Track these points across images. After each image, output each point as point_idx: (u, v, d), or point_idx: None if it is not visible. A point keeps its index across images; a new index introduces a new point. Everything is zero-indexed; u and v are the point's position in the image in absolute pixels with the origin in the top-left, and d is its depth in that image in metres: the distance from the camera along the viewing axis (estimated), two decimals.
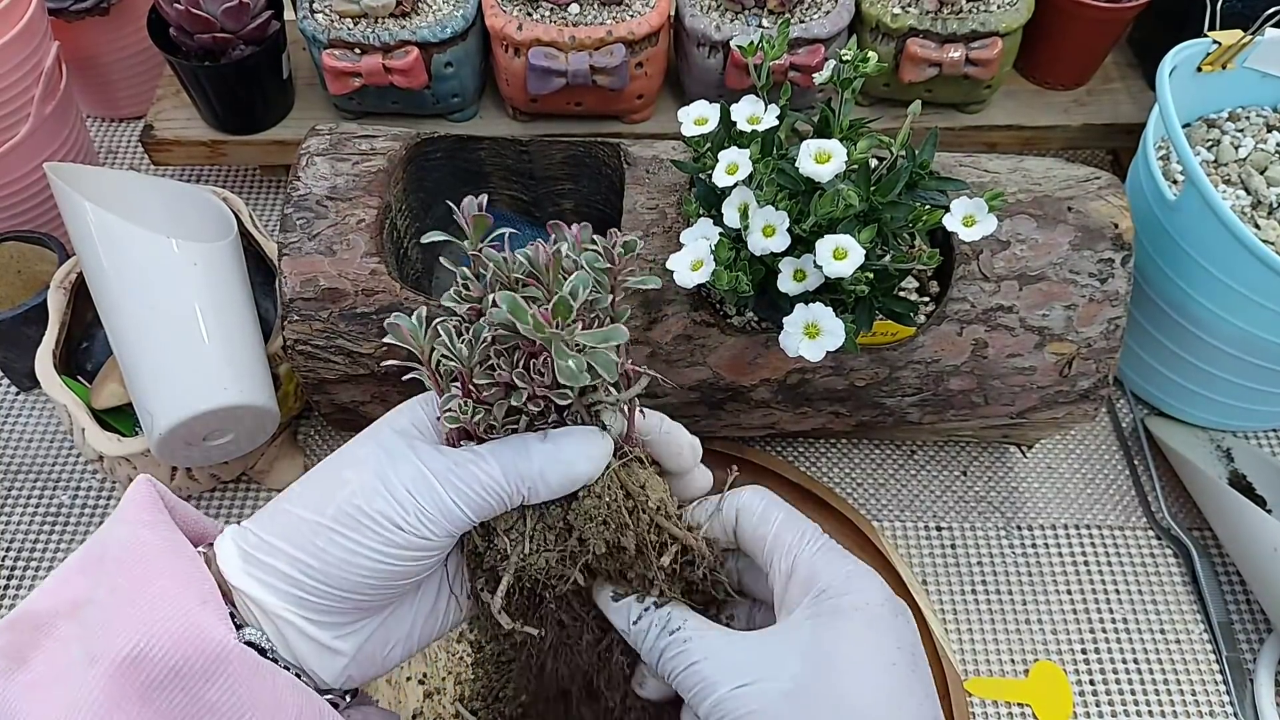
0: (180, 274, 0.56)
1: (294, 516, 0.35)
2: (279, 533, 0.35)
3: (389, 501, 0.35)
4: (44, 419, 0.69)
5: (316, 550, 0.34)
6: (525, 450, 0.36)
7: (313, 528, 0.35)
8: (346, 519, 0.34)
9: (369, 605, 0.36)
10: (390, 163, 0.57)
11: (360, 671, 0.38)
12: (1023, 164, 0.58)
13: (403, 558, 0.35)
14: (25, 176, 0.69)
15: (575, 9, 0.69)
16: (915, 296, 0.58)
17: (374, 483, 0.35)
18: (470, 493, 0.35)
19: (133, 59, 0.81)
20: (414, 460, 0.36)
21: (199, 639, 0.32)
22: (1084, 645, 0.60)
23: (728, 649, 0.36)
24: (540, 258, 0.36)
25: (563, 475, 0.36)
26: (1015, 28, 0.69)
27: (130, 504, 0.36)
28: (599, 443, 0.37)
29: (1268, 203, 0.61)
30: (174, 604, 0.32)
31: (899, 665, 0.35)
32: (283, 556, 0.35)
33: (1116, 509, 0.66)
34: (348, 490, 0.35)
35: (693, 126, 0.49)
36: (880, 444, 0.68)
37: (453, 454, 0.36)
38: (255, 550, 0.35)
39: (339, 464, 0.37)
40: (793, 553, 0.38)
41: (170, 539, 0.35)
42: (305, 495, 0.36)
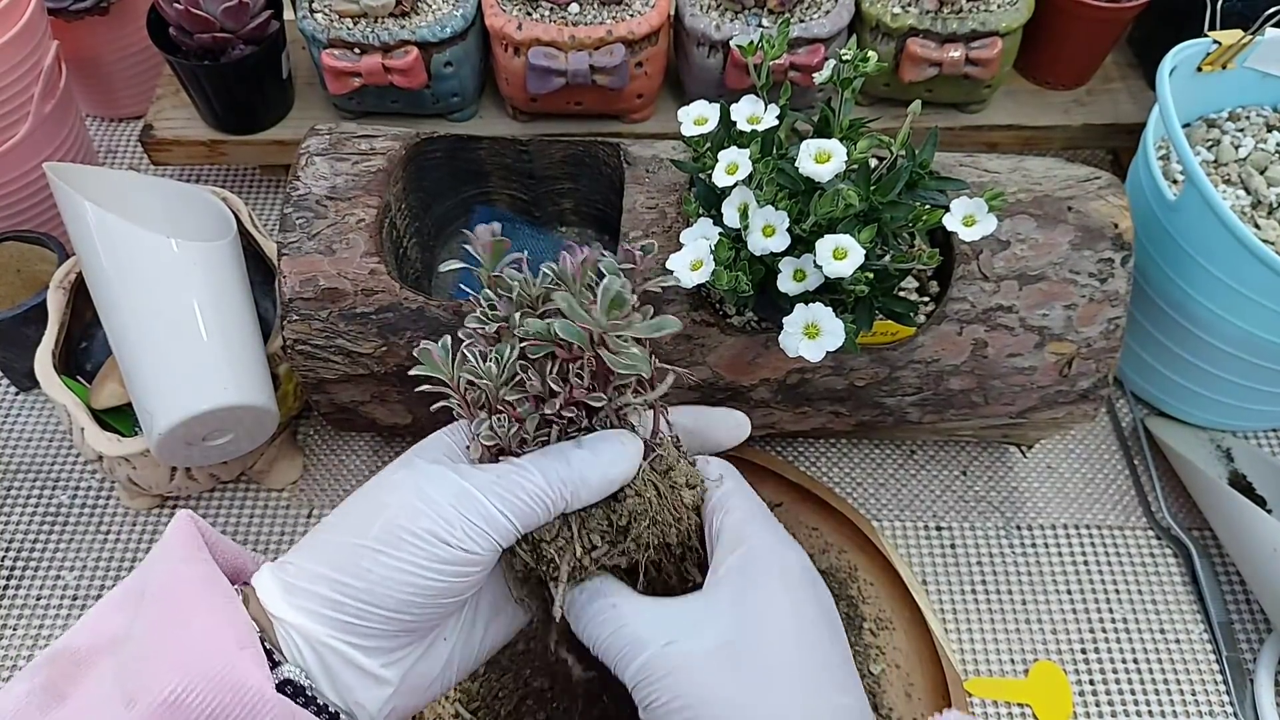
0: (180, 274, 0.56)
1: (335, 543, 0.35)
2: (320, 559, 0.35)
3: (433, 518, 0.35)
4: (43, 419, 0.69)
5: (361, 571, 0.34)
6: (565, 457, 0.37)
7: (355, 550, 0.35)
8: (390, 538, 0.34)
9: (415, 626, 0.36)
10: (390, 162, 0.57)
11: (404, 704, 0.38)
12: (1023, 164, 0.57)
13: (449, 573, 0.35)
14: (25, 176, 0.69)
15: (575, 8, 0.69)
16: (915, 296, 0.58)
17: (415, 502, 0.35)
18: (515, 501, 0.36)
19: (132, 59, 0.81)
20: (454, 478, 0.36)
21: (237, 686, 0.31)
22: (1084, 645, 0.60)
23: (655, 609, 0.37)
24: (568, 268, 0.37)
25: (602, 477, 0.37)
26: (1015, 27, 0.69)
27: (171, 539, 0.36)
28: (632, 443, 0.38)
29: (1268, 202, 0.61)
30: (213, 647, 0.32)
31: (819, 627, 0.37)
32: (325, 582, 0.34)
33: (1116, 509, 0.66)
34: (389, 512, 0.35)
35: (693, 126, 0.49)
36: (880, 444, 0.68)
37: (492, 468, 0.37)
38: (296, 580, 0.35)
39: (375, 492, 0.37)
40: (730, 513, 0.39)
41: (208, 575, 0.35)
42: (344, 523, 0.36)
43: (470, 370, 0.37)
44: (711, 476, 0.41)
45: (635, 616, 0.37)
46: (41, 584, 0.62)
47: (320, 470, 0.67)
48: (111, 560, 0.63)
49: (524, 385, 0.37)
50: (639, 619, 0.37)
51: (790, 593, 0.37)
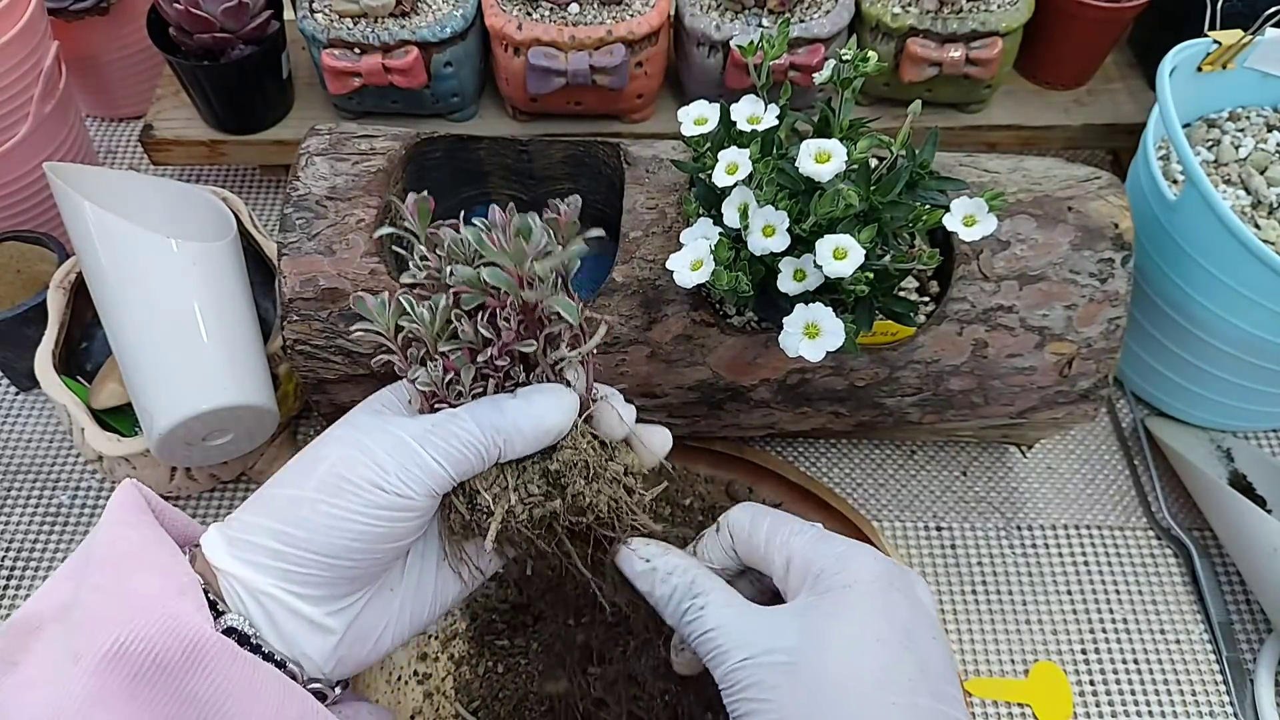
0: (180, 274, 0.56)
1: (276, 495, 0.37)
2: (261, 512, 0.36)
3: (369, 466, 0.36)
4: (43, 419, 0.69)
5: (299, 520, 0.35)
6: (498, 406, 0.38)
7: (294, 500, 0.36)
8: (328, 487, 0.35)
9: (356, 574, 0.37)
10: (390, 162, 0.57)
11: (351, 654, 0.38)
12: (1023, 164, 0.57)
13: (386, 518, 0.36)
14: (25, 176, 0.69)
15: (575, 8, 0.69)
16: (915, 296, 0.58)
17: (353, 452, 0.36)
18: (449, 449, 0.36)
19: (132, 59, 0.81)
20: (391, 429, 0.37)
21: (177, 630, 0.32)
22: (1084, 645, 0.60)
23: (738, 621, 0.37)
24: (496, 218, 0.38)
25: (536, 427, 0.38)
26: (1015, 27, 0.69)
27: (114, 507, 0.37)
28: (567, 395, 0.39)
29: (1268, 203, 0.61)
30: (152, 597, 0.33)
31: (886, 642, 0.36)
32: (267, 533, 0.35)
33: (1116, 509, 0.66)
34: (327, 463, 0.36)
35: (693, 126, 0.49)
36: (880, 444, 0.68)
37: (428, 417, 0.38)
38: (239, 533, 0.36)
39: (316, 447, 0.38)
40: (786, 546, 0.39)
41: (150, 535, 0.36)
42: (285, 477, 0.37)
43: (406, 320, 0.38)
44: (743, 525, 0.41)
45: (720, 625, 0.37)
46: (41, 584, 0.62)
47: None
48: None
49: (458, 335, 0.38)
50: (723, 629, 0.37)
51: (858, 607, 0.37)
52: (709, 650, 0.37)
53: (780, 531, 0.40)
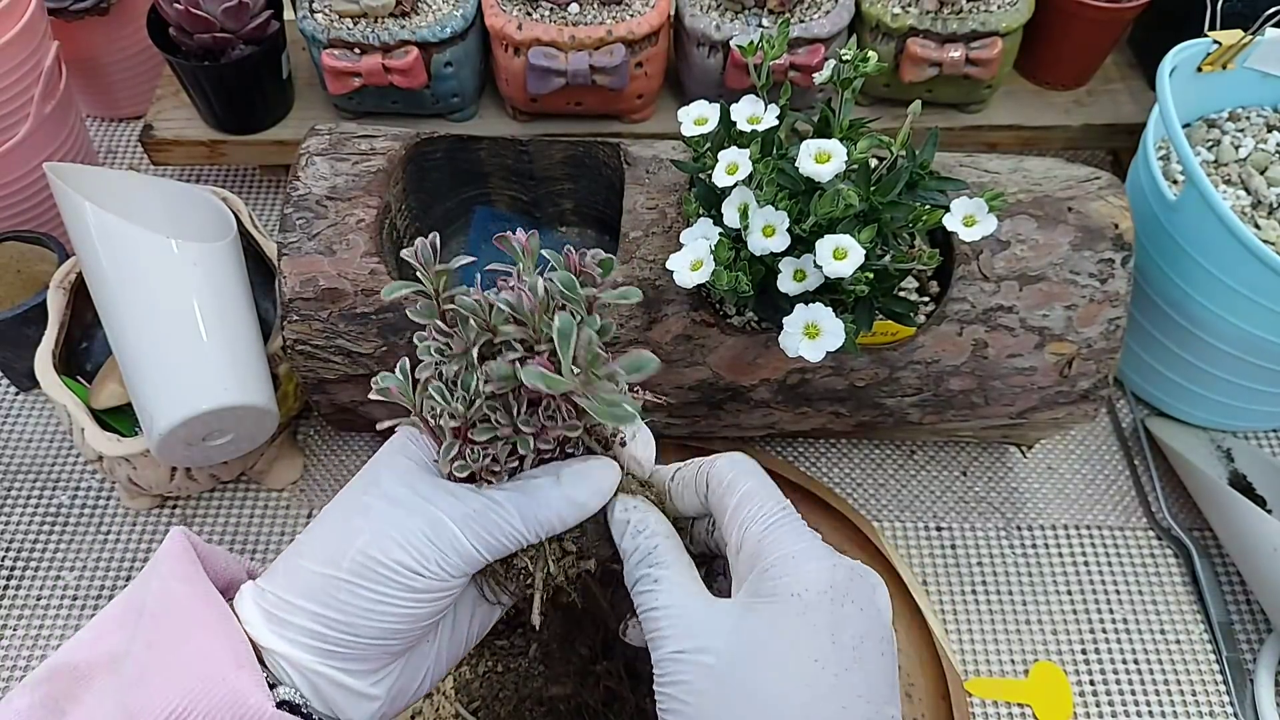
0: (180, 274, 0.56)
1: (310, 572, 0.35)
2: (298, 590, 0.35)
3: (405, 550, 0.34)
4: (44, 419, 0.69)
5: (338, 604, 0.34)
6: (543, 497, 0.36)
7: (332, 582, 0.35)
8: (365, 571, 0.34)
9: (397, 649, 0.36)
10: (390, 163, 0.57)
11: (393, 709, 0.38)
12: (1023, 164, 0.57)
13: (424, 600, 0.35)
14: (25, 176, 0.69)
15: (575, 8, 0.69)
16: (915, 296, 0.58)
17: (389, 532, 0.35)
18: (490, 539, 0.36)
19: (132, 59, 0.81)
20: (427, 507, 0.35)
21: (236, 705, 0.32)
22: (1084, 645, 0.60)
23: (684, 606, 0.35)
24: (524, 304, 0.34)
25: (578, 514, 0.37)
26: (1015, 28, 0.69)
27: (165, 557, 0.36)
28: (609, 475, 0.38)
29: (1268, 203, 0.61)
30: (211, 666, 0.32)
31: (824, 663, 0.33)
32: (305, 614, 0.35)
33: (1116, 509, 0.66)
34: (361, 540, 0.35)
35: (693, 126, 0.49)
36: (880, 444, 0.68)
37: (467, 498, 0.36)
38: (276, 609, 0.35)
39: (346, 511, 0.36)
40: (745, 527, 0.36)
41: (204, 594, 0.35)
42: (317, 548, 0.36)
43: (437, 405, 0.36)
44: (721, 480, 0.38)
45: (666, 606, 0.35)
46: (41, 584, 0.62)
47: (320, 470, 0.67)
48: (111, 560, 0.63)
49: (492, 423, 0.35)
50: (667, 611, 0.35)
51: (800, 619, 0.33)
52: (651, 630, 0.35)
53: (749, 505, 0.37)
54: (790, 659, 0.33)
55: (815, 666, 0.33)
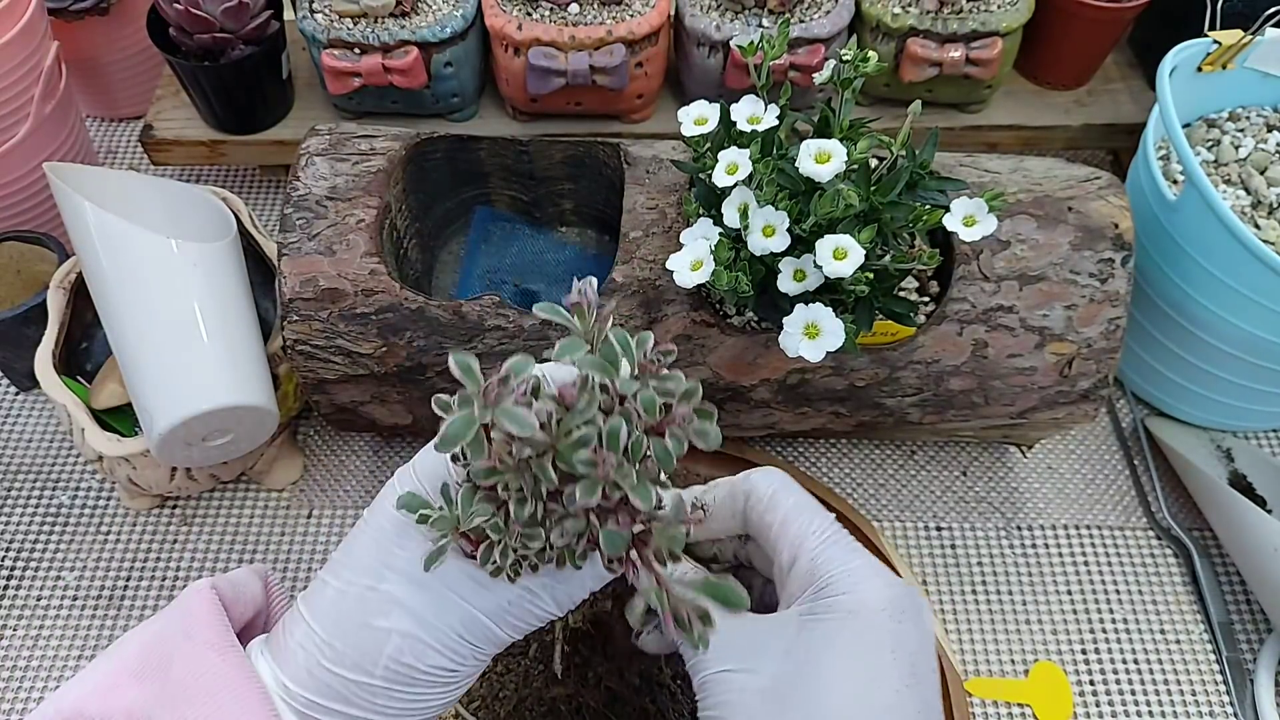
0: (180, 274, 0.56)
1: (341, 679, 0.34)
2: (330, 695, 0.34)
3: (441, 653, 0.34)
4: (44, 419, 0.69)
5: (375, 707, 0.34)
6: (575, 580, 0.35)
7: (367, 690, 0.34)
8: (401, 678, 0.34)
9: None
10: (390, 163, 0.57)
11: None
12: (1023, 164, 0.57)
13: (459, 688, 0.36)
14: (25, 176, 0.69)
15: (575, 8, 0.69)
16: (915, 296, 0.58)
17: (420, 634, 0.33)
18: (524, 625, 0.35)
19: (132, 59, 0.81)
20: (460, 604, 0.34)
21: None
22: (1084, 645, 0.60)
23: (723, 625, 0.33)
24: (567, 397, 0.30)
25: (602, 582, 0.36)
26: (1015, 28, 0.69)
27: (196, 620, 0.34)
28: None
29: (1268, 203, 0.61)
30: None
31: (885, 681, 0.32)
32: (338, 716, 0.34)
33: (1116, 509, 0.66)
34: (392, 646, 0.33)
35: (693, 126, 0.49)
36: (880, 444, 0.68)
37: (499, 590, 0.34)
38: (309, 710, 0.34)
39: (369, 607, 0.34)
40: (796, 544, 0.35)
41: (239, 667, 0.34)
42: (342, 652, 0.34)
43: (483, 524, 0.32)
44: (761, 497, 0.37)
45: None
46: (41, 584, 0.62)
47: (320, 470, 0.67)
48: (111, 561, 0.63)
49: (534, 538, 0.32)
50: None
51: (858, 639, 0.33)
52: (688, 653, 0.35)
53: (797, 521, 0.36)
54: (850, 676, 0.32)
55: (875, 684, 0.32)
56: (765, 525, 0.37)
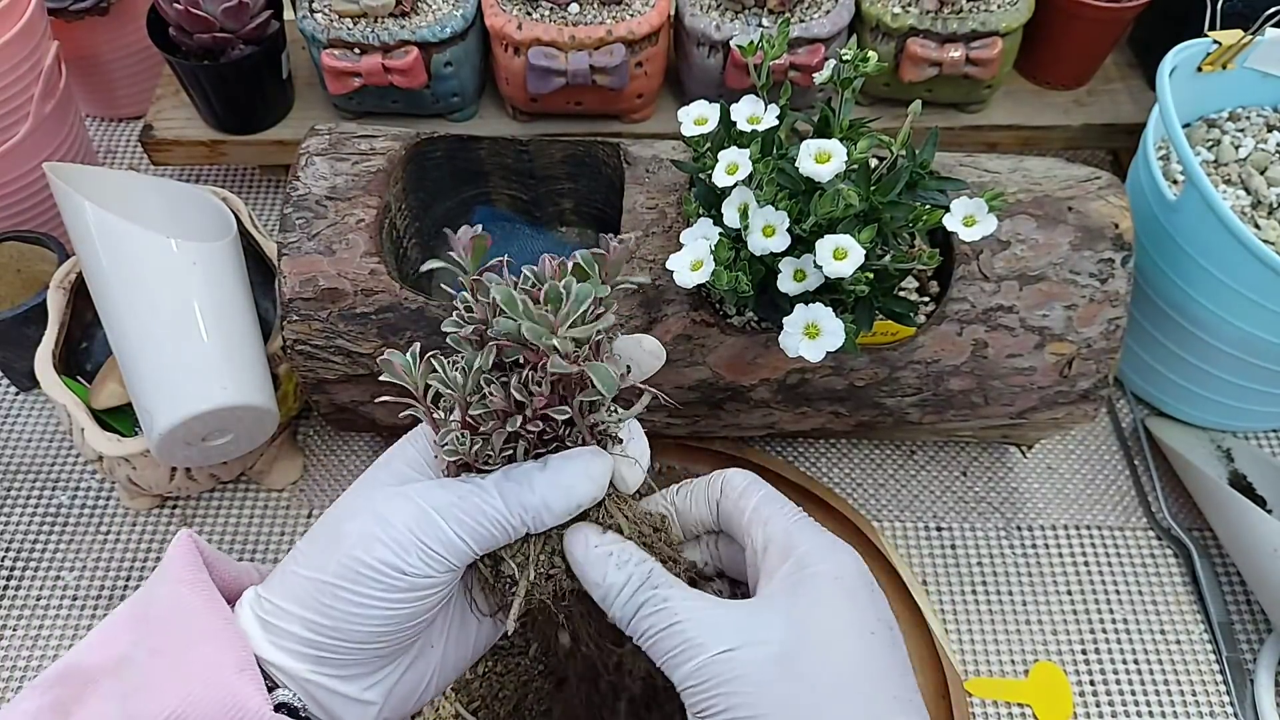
0: (180, 274, 0.56)
1: (301, 578, 0.35)
2: (289, 596, 0.35)
3: (388, 547, 0.34)
4: (43, 419, 0.69)
5: (324, 609, 0.34)
6: (528, 480, 0.36)
7: (318, 586, 0.35)
8: (348, 573, 0.34)
9: (389, 651, 0.36)
10: (390, 163, 0.57)
11: (395, 712, 0.38)
12: (1023, 164, 0.57)
13: (410, 599, 0.35)
14: (25, 176, 0.69)
15: (575, 8, 0.69)
16: (915, 296, 0.58)
17: (373, 529, 0.35)
18: (474, 525, 0.35)
19: (132, 59, 0.81)
20: (413, 500, 0.35)
21: (236, 707, 0.32)
22: (1084, 645, 0.60)
23: (711, 612, 0.35)
24: (545, 270, 0.36)
25: (564, 502, 0.36)
26: (1015, 27, 0.69)
27: (173, 562, 0.36)
28: (598, 464, 0.37)
29: (1268, 203, 0.61)
30: (212, 670, 0.33)
31: (879, 636, 0.35)
32: (296, 620, 0.35)
33: (1116, 509, 0.66)
34: (347, 544, 0.35)
35: (693, 126, 0.49)
36: (880, 444, 0.68)
37: (454, 487, 0.36)
38: (271, 616, 0.35)
39: (337, 518, 0.36)
40: (770, 526, 0.38)
41: (208, 599, 0.35)
42: (308, 554, 0.36)
43: (437, 379, 0.36)
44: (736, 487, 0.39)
45: (690, 617, 0.35)
46: (41, 584, 0.62)
47: (320, 470, 0.67)
48: (111, 560, 0.63)
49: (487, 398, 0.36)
50: (694, 620, 0.35)
51: (849, 598, 0.35)
52: (675, 645, 0.34)
53: (768, 507, 0.38)
54: (849, 634, 0.34)
55: (874, 638, 0.35)
56: (739, 512, 0.39)
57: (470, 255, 0.37)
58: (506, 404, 0.36)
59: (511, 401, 0.36)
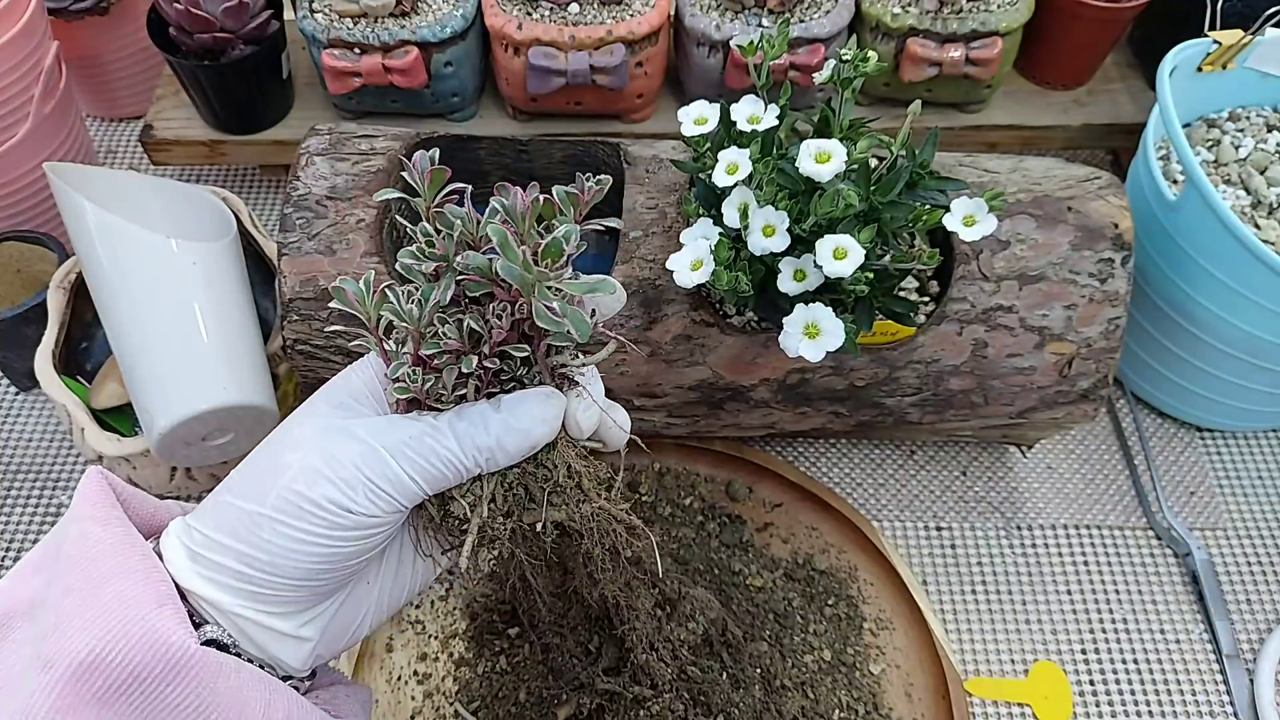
0: (180, 274, 0.56)
1: (234, 508, 0.34)
2: (221, 527, 0.34)
3: (333, 483, 0.33)
4: (44, 419, 0.69)
5: (260, 542, 0.33)
6: (483, 421, 0.35)
7: (254, 518, 0.33)
8: (289, 507, 0.33)
9: (325, 589, 0.35)
10: (390, 162, 0.57)
11: (328, 649, 0.37)
12: (1023, 164, 0.57)
13: (352, 538, 0.34)
14: (25, 176, 0.69)
15: (575, 8, 0.69)
16: (915, 296, 0.58)
17: (316, 463, 0.33)
18: (426, 465, 0.34)
19: (132, 59, 0.81)
20: (361, 436, 0.34)
21: (157, 644, 0.31)
22: (1084, 645, 0.60)
23: None
24: (518, 205, 0.34)
25: (519, 443, 0.35)
26: (1015, 27, 0.69)
27: (82, 500, 0.35)
28: (553, 404, 0.36)
29: (1268, 203, 0.61)
30: (130, 607, 0.31)
31: None
32: (229, 552, 0.33)
33: (1116, 509, 0.66)
34: (288, 475, 0.33)
35: (693, 126, 0.49)
36: (880, 444, 0.68)
37: (406, 426, 0.35)
38: (201, 548, 0.34)
39: (278, 447, 0.35)
40: None
41: (123, 535, 0.34)
42: (243, 484, 0.34)
43: (391, 310, 0.34)
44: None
45: None
46: None
47: None
48: None
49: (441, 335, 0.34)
50: None
51: None
52: None
53: None
54: None
55: None
56: None
57: (428, 184, 0.36)
58: (461, 343, 0.35)
59: (467, 339, 0.35)
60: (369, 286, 0.35)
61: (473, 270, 0.34)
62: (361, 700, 0.40)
